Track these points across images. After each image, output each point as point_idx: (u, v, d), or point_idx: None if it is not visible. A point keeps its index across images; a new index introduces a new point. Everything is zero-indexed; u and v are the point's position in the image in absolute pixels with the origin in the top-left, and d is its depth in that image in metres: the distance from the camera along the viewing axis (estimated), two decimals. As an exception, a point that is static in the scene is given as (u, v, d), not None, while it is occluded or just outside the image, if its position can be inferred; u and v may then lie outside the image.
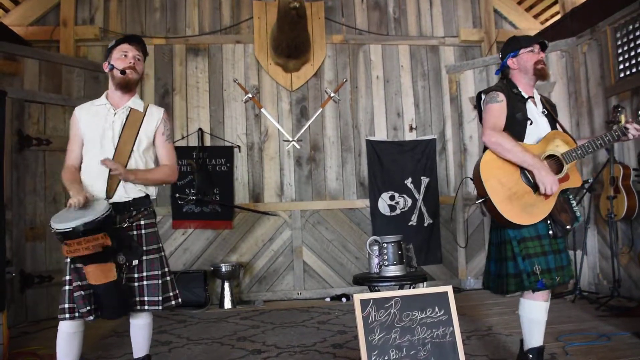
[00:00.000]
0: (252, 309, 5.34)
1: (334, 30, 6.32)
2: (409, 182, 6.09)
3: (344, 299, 5.61)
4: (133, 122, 2.75)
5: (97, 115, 2.74)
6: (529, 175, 2.67)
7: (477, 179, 2.73)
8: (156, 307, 2.66)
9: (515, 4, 6.77)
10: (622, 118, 4.82)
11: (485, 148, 2.82)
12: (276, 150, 6.10)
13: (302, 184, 6.10)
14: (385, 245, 3.59)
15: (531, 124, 2.79)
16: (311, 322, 4.56)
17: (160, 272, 2.70)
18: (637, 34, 4.75)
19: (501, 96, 2.80)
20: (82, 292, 2.49)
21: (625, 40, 4.89)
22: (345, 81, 6.23)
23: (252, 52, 6.15)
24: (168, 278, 2.75)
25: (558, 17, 6.23)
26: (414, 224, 6.04)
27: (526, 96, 2.85)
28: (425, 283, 3.96)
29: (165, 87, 6.01)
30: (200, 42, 6.12)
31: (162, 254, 2.78)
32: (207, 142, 5.97)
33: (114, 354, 3.66)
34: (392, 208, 6.05)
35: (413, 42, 6.46)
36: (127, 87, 2.75)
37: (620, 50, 4.95)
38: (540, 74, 2.86)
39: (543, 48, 2.91)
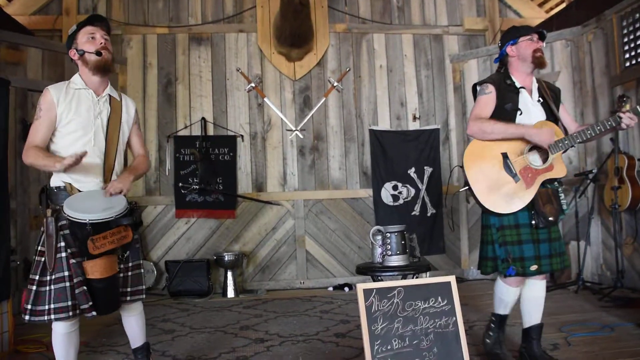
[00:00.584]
0: (254, 298, 5.36)
1: (337, 19, 6.28)
2: (412, 171, 6.07)
3: (346, 289, 5.62)
4: (115, 111, 2.68)
5: (80, 100, 2.58)
6: (510, 165, 2.77)
7: (463, 168, 2.86)
8: (141, 296, 2.67)
9: (520, -8, 6.71)
10: (628, 108, 4.81)
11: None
12: (279, 139, 6.09)
13: (305, 173, 6.09)
14: (388, 235, 3.58)
15: (521, 114, 2.85)
16: (314, 311, 4.58)
17: (141, 262, 2.72)
18: (644, 23, 4.71)
19: (490, 87, 2.90)
20: (84, 288, 2.39)
21: (631, 29, 4.85)
22: (349, 70, 6.20)
23: (255, 41, 6.12)
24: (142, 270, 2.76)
25: (563, 5, 6.18)
26: (417, 213, 6.04)
27: (519, 86, 2.90)
28: (428, 273, 3.96)
29: (168, 76, 5.99)
30: (203, 31, 6.09)
31: (139, 244, 2.79)
32: (210, 131, 5.96)
33: (117, 342, 3.68)
34: (395, 198, 6.04)
35: (417, 31, 6.42)
36: (105, 69, 2.59)
37: (626, 40, 4.91)
38: (539, 61, 2.90)
39: (542, 38, 2.95)
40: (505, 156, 2.79)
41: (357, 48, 6.29)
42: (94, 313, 2.41)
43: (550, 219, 2.74)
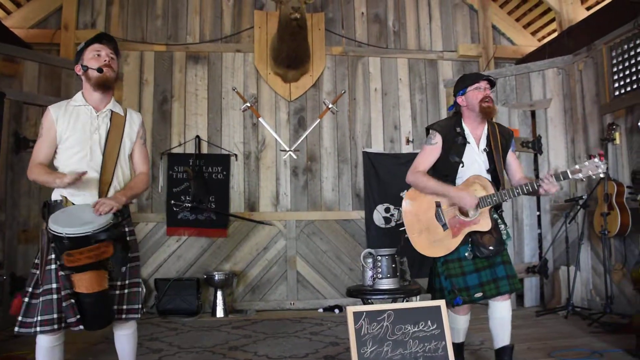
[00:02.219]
0: (244, 318, 5.32)
1: (333, 41, 6.35)
2: (404, 194, 6.08)
3: (336, 310, 5.59)
4: (117, 126, 2.70)
5: (78, 116, 2.65)
6: (441, 214, 3.00)
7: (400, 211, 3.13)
8: (136, 315, 2.63)
9: (514, 20, 6.83)
10: (617, 136, 4.89)
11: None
12: (273, 159, 6.10)
13: (297, 194, 6.10)
14: (379, 258, 3.58)
15: (462, 166, 3.00)
16: (303, 332, 4.55)
17: (140, 281, 2.69)
18: (632, 53, 4.80)
19: (437, 138, 3.05)
20: (72, 301, 2.40)
21: (620, 59, 4.94)
22: (344, 92, 6.25)
23: (251, 61, 6.18)
24: (142, 288, 2.72)
25: (555, 34, 6.29)
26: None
27: (467, 138, 3.03)
28: (418, 297, 3.96)
29: (164, 93, 6.02)
30: (200, 49, 6.14)
31: (139, 262, 2.77)
32: (204, 149, 5.98)
33: (104, 360, 3.64)
34: (387, 220, 6.05)
35: (412, 56, 6.50)
36: (106, 86, 2.67)
37: (615, 69, 5.00)
38: (485, 111, 2.97)
39: (492, 85, 3.04)
40: (438, 205, 3.01)
41: (353, 71, 6.36)
42: (81, 327, 2.41)
43: (491, 247, 2.90)
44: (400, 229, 3.14)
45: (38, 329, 2.38)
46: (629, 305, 4.69)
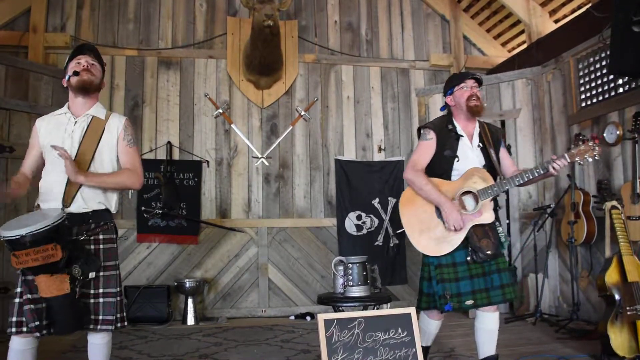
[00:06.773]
0: (215, 325, 5.27)
1: (306, 49, 6.37)
2: (376, 202, 6.13)
3: (308, 318, 5.58)
4: (94, 130, 2.68)
5: (57, 125, 2.69)
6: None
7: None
8: (109, 327, 2.58)
9: (484, 31, 6.95)
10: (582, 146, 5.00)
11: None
12: (245, 166, 6.08)
13: (269, 201, 6.08)
14: (350, 265, 3.60)
15: (458, 160, 2.99)
16: (275, 340, 4.53)
17: (116, 290, 2.63)
18: (597, 66, 4.94)
19: (431, 134, 3.05)
20: (32, 306, 2.39)
21: (586, 71, 5.07)
22: (316, 100, 6.27)
23: (224, 68, 6.15)
24: (119, 298, 2.66)
25: (525, 46, 6.42)
26: (380, 244, 6.08)
27: (460, 132, 3.04)
28: (389, 304, 3.98)
29: (135, 98, 5.95)
30: (172, 55, 6.09)
31: (119, 272, 2.71)
32: (176, 155, 5.92)
33: (70, 371, 3.56)
34: (359, 227, 6.08)
35: (384, 65, 6.57)
36: (84, 89, 2.66)
37: (582, 81, 5.13)
38: (472, 110, 3.01)
39: (479, 83, 3.08)
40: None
41: (326, 78, 6.39)
42: (38, 334, 2.41)
43: (488, 252, 2.85)
44: (398, 231, 3.16)
45: (8, 330, 2.43)
46: (594, 311, 4.80)
